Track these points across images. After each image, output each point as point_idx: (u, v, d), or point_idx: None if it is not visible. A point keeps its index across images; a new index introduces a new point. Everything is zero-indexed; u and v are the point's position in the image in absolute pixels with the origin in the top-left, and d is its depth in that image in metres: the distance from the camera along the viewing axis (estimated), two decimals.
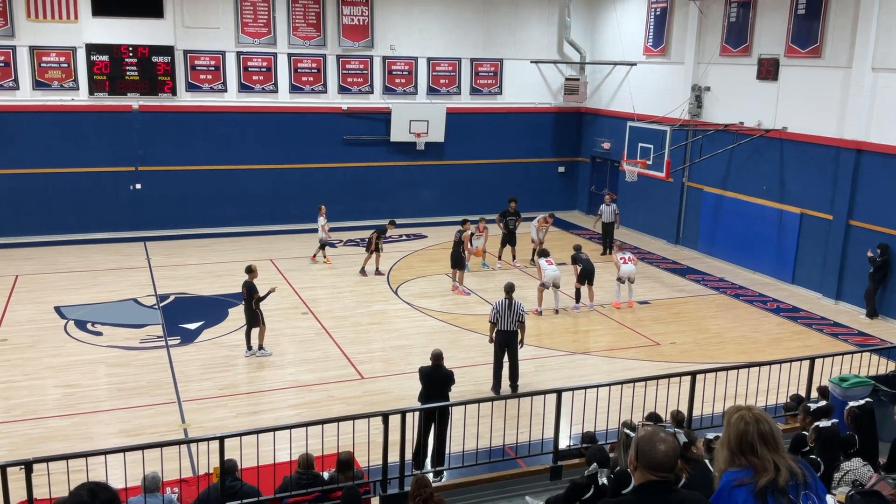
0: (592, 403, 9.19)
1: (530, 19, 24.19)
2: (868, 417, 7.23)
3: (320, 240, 19.17)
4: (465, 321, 15.43)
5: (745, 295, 17.66)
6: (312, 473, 7.90)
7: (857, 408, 7.29)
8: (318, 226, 19.10)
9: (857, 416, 7.20)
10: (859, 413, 7.22)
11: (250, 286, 13.26)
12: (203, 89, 21.39)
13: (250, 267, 13.64)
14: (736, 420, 3.41)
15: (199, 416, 11.25)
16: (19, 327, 14.53)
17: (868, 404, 7.45)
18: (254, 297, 13.20)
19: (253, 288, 13.25)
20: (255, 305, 13.20)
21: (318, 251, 19.30)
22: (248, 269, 13.57)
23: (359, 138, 23.13)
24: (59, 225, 20.64)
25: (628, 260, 16.55)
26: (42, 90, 20.09)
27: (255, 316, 13.28)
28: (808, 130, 17.66)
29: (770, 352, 13.99)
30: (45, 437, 10.50)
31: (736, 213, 19.82)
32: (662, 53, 22.00)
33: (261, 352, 13.44)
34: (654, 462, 3.34)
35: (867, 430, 7.15)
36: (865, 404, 7.41)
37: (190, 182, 21.69)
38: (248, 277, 13.40)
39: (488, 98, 24.32)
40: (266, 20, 21.58)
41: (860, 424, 7.18)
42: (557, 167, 25.67)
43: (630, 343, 14.62)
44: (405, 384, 12.05)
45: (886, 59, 15.81)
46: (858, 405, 7.34)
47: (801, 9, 17.65)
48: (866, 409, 7.29)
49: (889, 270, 15.96)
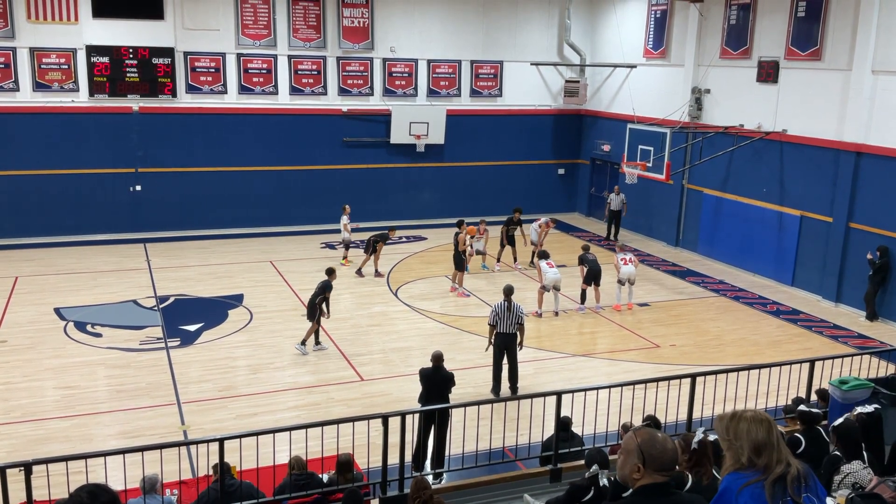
0: (592, 406, 9.18)
1: (530, 21, 24.20)
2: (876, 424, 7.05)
3: (343, 240, 19.26)
4: (464, 323, 15.42)
5: (744, 297, 17.66)
6: (308, 473, 7.90)
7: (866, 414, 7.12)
8: (341, 225, 19.18)
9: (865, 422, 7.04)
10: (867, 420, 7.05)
11: (325, 285, 13.69)
12: (203, 91, 21.40)
13: (331, 269, 14.27)
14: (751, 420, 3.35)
15: (199, 417, 11.25)
16: (19, 329, 14.52)
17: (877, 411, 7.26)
18: (324, 294, 13.59)
19: (327, 287, 13.68)
20: (318, 302, 13.55)
21: (345, 252, 19.45)
22: (328, 271, 14.15)
23: (359, 140, 23.14)
24: (59, 226, 20.64)
25: (629, 261, 16.54)
26: (42, 92, 20.09)
27: (314, 311, 13.58)
28: (807, 133, 17.67)
29: (770, 354, 13.97)
30: (45, 438, 10.49)
31: (736, 216, 19.83)
32: (662, 56, 22.01)
33: (299, 347, 13.64)
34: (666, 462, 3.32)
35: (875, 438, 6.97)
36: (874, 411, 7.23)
37: (190, 184, 21.69)
38: (328, 278, 13.89)
39: (488, 100, 24.33)
40: (266, 22, 21.60)
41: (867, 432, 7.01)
42: (557, 169, 25.68)
43: (630, 345, 14.62)
44: (405, 386, 12.05)
45: (886, 62, 15.82)
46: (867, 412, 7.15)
47: (801, 11, 17.66)
48: (875, 417, 7.11)
49: (889, 273, 15.95)
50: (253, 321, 15.27)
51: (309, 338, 13.72)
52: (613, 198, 22.27)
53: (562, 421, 8.54)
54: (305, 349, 13.63)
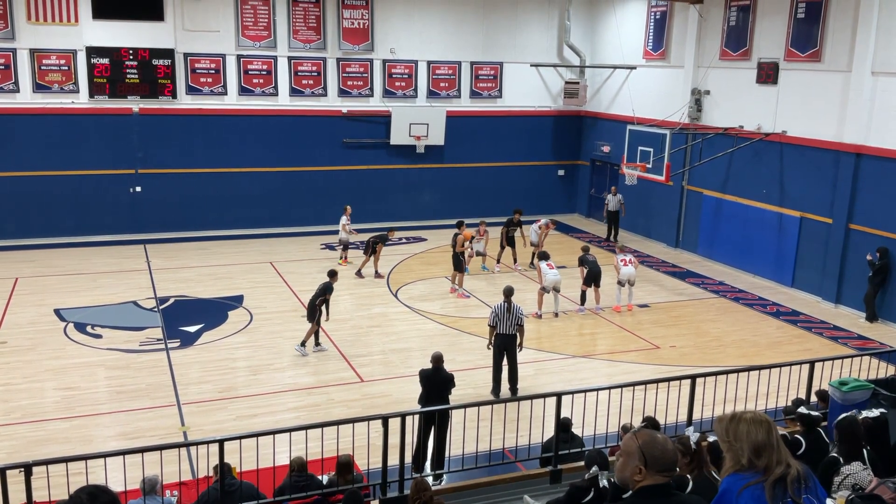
0: (592, 407, 9.18)
1: (530, 22, 24.22)
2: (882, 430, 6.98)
3: (340, 240, 19.29)
4: (464, 324, 15.43)
5: (744, 298, 17.66)
6: (308, 475, 7.90)
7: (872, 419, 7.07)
8: (340, 226, 19.23)
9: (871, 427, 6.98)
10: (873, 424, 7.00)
11: (326, 286, 13.70)
12: (203, 92, 21.40)
13: (333, 271, 14.26)
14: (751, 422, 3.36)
15: (199, 418, 11.25)
16: (19, 330, 14.52)
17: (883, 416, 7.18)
18: (324, 296, 13.61)
19: (328, 288, 13.70)
20: (318, 303, 13.57)
21: (343, 252, 19.49)
22: (330, 273, 14.14)
23: (359, 141, 23.15)
24: (59, 227, 20.64)
25: (629, 262, 16.55)
26: (42, 93, 20.10)
27: (314, 312, 13.58)
28: (807, 134, 17.68)
29: (770, 355, 13.96)
30: (45, 439, 10.49)
31: (735, 217, 19.83)
32: (662, 57, 22.02)
33: (299, 348, 13.64)
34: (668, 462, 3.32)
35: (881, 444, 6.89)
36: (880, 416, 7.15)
37: (190, 185, 21.70)
38: (329, 280, 13.90)
39: (488, 101, 24.34)
40: (266, 23, 21.61)
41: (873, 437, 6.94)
42: (557, 170, 25.69)
43: (630, 346, 14.62)
44: (405, 387, 12.05)
45: (886, 63, 15.83)
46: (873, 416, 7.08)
47: (801, 13, 17.67)
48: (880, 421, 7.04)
49: (888, 274, 15.96)
50: (253, 322, 15.27)
51: (309, 339, 13.72)
52: (611, 198, 22.40)
53: (562, 422, 8.53)
54: (305, 350, 13.63)
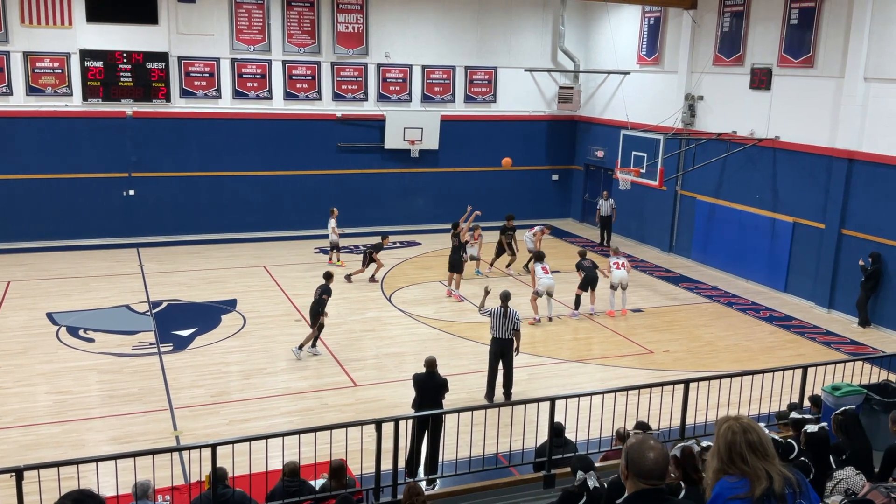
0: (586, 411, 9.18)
1: (524, 27, 24.27)
2: (853, 422, 7.24)
3: (331, 242, 19.36)
4: (458, 329, 15.42)
5: (737, 303, 17.70)
6: (299, 480, 7.88)
7: (841, 414, 7.30)
8: (329, 229, 19.30)
9: (841, 422, 7.22)
10: (844, 420, 7.23)
11: (325, 289, 13.75)
12: (197, 96, 21.37)
13: (329, 273, 14.36)
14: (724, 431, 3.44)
15: (192, 423, 11.21)
16: (11, 333, 14.46)
17: (851, 410, 7.46)
18: (322, 298, 13.66)
19: (326, 291, 13.77)
20: (321, 308, 13.63)
21: (332, 254, 19.67)
22: (326, 275, 14.23)
23: (353, 145, 23.14)
24: (51, 231, 20.56)
25: (621, 266, 16.57)
26: (36, 96, 20.04)
27: (317, 317, 13.64)
28: (800, 140, 17.75)
29: (763, 360, 14.01)
30: (36, 444, 10.44)
31: (729, 222, 19.88)
32: (656, 62, 22.09)
33: (296, 350, 13.63)
34: (643, 470, 3.35)
35: (856, 437, 7.15)
36: (848, 410, 7.42)
37: (183, 189, 21.66)
38: (325, 282, 13.94)
39: (482, 106, 24.36)
40: (261, 27, 21.60)
41: (847, 431, 7.18)
42: (551, 175, 25.72)
43: (623, 351, 14.63)
44: (398, 392, 12.04)
45: (878, 70, 15.91)
46: (842, 411, 7.35)
47: (794, 19, 17.75)
48: (850, 415, 7.30)
49: (881, 279, 16.01)
50: (246, 326, 15.24)
51: (307, 343, 13.70)
52: (603, 203, 22.48)
53: (555, 427, 8.54)
54: (300, 354, 13.60)
